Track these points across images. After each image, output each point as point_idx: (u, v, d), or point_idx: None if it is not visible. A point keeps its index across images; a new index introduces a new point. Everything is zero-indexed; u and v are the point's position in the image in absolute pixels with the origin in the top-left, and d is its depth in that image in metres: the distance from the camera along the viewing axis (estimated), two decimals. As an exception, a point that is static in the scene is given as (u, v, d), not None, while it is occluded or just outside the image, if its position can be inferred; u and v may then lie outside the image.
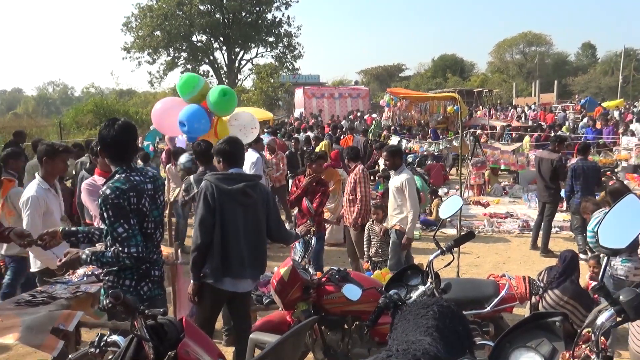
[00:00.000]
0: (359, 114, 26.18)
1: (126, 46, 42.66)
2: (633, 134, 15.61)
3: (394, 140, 14.84)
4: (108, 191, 2.76)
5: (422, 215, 10.10)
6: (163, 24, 40.43)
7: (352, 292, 3.29)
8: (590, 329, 1.76)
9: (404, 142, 14.72)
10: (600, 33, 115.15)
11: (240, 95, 36.23)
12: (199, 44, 44.40)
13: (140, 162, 8.58)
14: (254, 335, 3.29)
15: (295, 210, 6.41)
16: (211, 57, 44.92)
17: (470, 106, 28.60)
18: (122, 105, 30.12)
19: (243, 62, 46.24)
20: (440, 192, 11.52)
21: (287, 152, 10.76)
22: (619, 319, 1.66)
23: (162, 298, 3.12)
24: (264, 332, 3.50)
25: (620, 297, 1.65)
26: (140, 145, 11.43)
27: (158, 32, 41.33)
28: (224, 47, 44.56)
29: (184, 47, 43.79)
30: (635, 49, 52.95)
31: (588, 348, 1.74)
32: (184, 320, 2.25)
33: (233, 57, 44.83)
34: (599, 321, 1.70)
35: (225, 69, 44.93)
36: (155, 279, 3.03)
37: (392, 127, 17.89)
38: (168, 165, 9.24)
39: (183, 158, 7.61)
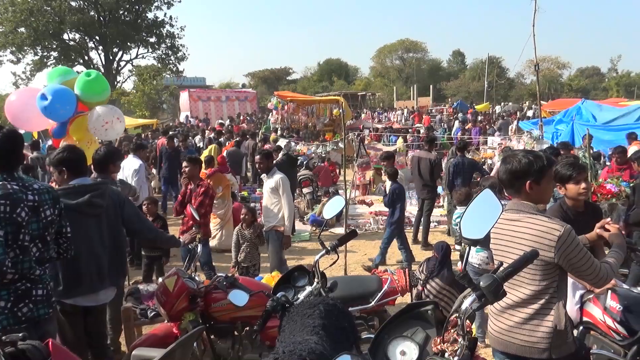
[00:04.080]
0: (248, 117, 26.06)
1: (-16, 43, 38.25)
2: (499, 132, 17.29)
3: (282, 142, 14.98)
4: None
5: (312, 215, 10.32)
6: (28, 19, 36.80)
7: (238, 297, 3.26)
8: (457, 314, 1.91)
9: (292, 144, 14.92)
10: (468, 42, 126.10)
11: (120, 98, 34.25)
12: (72, 43, 41.14)
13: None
14: (137, 352, 3.12)
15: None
16: (86, 57, 41.82)
17: (355, 109, 29.79)
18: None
19: (122, 63, 43.74)
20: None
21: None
22: (480, 302, 1.82)
23: (51, 317, 2.95)
24: (148, 347, 3.34)
25: (481, 283, 1.82)
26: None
27: (23, 29, 37.57)
28: (100, 47, 41.72)
29: (54, 46, 40.29)
30: (498, 56, 58.82)
31: (456, 332, 1.90)
32: (50, 343, 2.07)
33: (111, 57, 42.16)
34: (463, 306, 1.85)
35: (102, 70, 42.06)
36: (38, 299, 2.83)
37: (280, 129, 17.99)
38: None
39: None
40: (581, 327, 3.58)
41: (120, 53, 42.99)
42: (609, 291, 3.41)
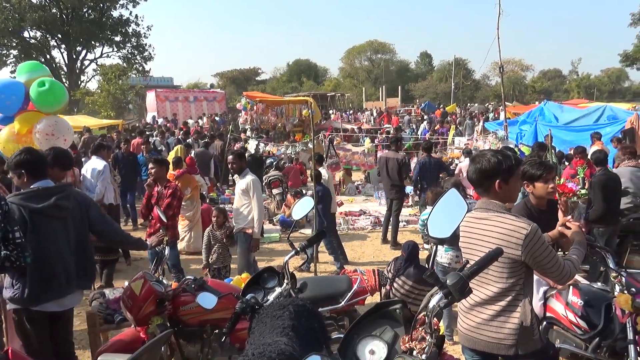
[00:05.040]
0: (216, 117, 25.78)
1: (-63, 40, 36.63)
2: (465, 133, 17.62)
3: (251, 143, 14.90)
4: None
5: (281, 216, 10.29)
6: (-15, 16, 35.46)
7: (206, 300, 3.22)
8: (424, 312, 1.93)
9: (261, 145, 14.85)
10: (435, 43, 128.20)
11: (85, 97, 33.36)
12: (33, 41, 39.83)
13: None
14: (102, 357, 3.06)
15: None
16: (48, 56, 40.52)
17: (324, 109, 29.86)
18: None
19: (86, 62, 42.59)
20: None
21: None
22: (446, 300, 1.85)
23: None
24: (114, 352, 3.26)
25: (447, 281, 1.85)
26: None
27: (-21, 26, 36.17)
28: (63, 46, 40.51)
29: (14, 44, 38.92)
30: (464, 58, 59.94)
31: (423, 330, 1.92)
32: (10, 352, 2.00)
33: (74, 56, 40.99)
34: (430, 304, 1.88)
35: (65, 69, 40.89)
36: None
37: (249, 130, 17.88)
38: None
39: None
40: (544, 323, 3.68)
41: (84, 52, 41.88)
42: (571, 287, 3.52)
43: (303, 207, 3.43)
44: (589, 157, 8.64)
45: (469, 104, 41.85)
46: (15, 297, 3.22)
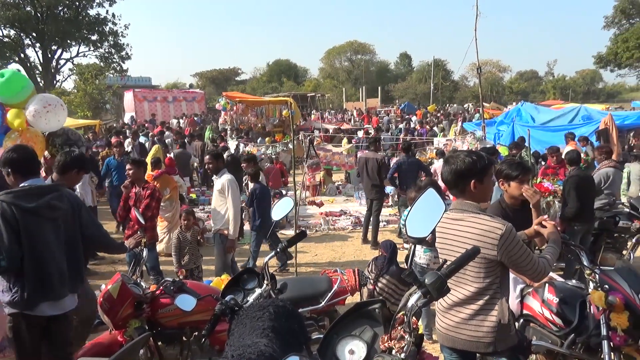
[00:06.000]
0: (195, 118, 25.55)
1: None
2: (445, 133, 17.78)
3: (231, 143, 14.80)
4: None
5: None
6: (-44, 13, 34.56)
7: (185, 302, 3.19)
8: (403, 312, 1.95)
9: (241, 145, 14.78)
10: (415, 45, 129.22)
11: (60, 97, 32.69)
12: (6, 40, 38.90)
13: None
14: (79, 362, 3.00)
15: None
16: (22, 55, 39.65)
17: (304, 110, 29.84)
18: None
19: (62, 62, 41.76)
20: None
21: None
22: (425, 299, 1.87)
23: None
24: (92, 357, 3.21)
25: (426, 280, 1.87)
26: None
27: (-50, 24, 35.28)
28: (38, 44, 39.65)
29: (-14, 43, 38.02)
30: (443, 59, 60.57)
31: (402, 329, 1.93)
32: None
33: (49, 55, 40.17)
34: (409, 303, 1.89)
35: (40, 68, 40.05)
36: None
37: (229, 131, 17.76)
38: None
39: None
40: (522, 320, 3.74)
41: (60, 51, 41.05)
42: (547, 284, 3.58)
43: (283, 207, 3.42)
44: (562, 156, 8.83)
45: (447, 105, 42.29)
46: (14, 300, 3.10)
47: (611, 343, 3.17)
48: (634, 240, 6.75)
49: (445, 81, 54.78)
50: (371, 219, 8.81)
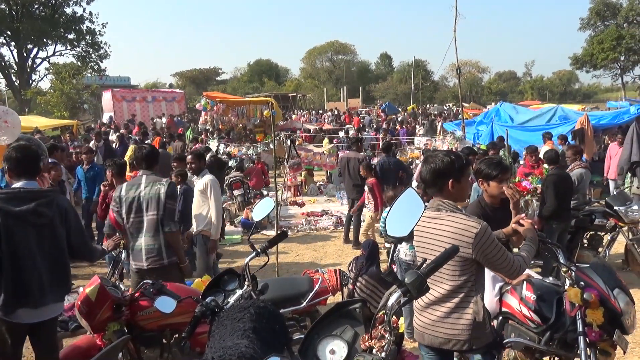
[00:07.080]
0: (175, 118, 25.30)
1: None
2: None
3: (212, 144, 14.70)
4: None
5: (242, 217, 10.20)
6: None
7: (165, 304, 3.15)
8: (384, 311, 1.96)
9: (222, 146, 14.69)
10: (395, 45, 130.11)
11: (37, 97, 32.09)
12: (-20, 38, 38.06)
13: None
14: (57, 366, 2.95)
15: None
16: (-4, 54, 38.84)
17: (285, 110, 29.79)
18: None
19: (38, 61, 40.97)
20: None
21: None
22: (405, 298, 1.88)
23: None
24: (70, 361, 3.16)
25: (406, 279, 1.88)
26: None
27: None
28: (13, 43, 38.79)
29: (-40, 41, 37.11)
30: (424, 60, 61.07)
31: (383, 328, 1.95)
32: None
33: (25, 54, 39.35)
34: (389, 302, 1.91)
35: (15, 67, 39.20)
36: None
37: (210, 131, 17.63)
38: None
39: None
40: (500, 317, 3.78)
41: (36, 50, 40.27)
42: (525, 282, 3.63)
43: (264, 208, 3.40)
44: (540, 156, 8.97)
45: (428, 105, 42.66)
46: None
47: (587, 339, 3.23)
48: (609, 237, 6.90)
49: (425, 81, 55.28)
50: (352, 218, 8.84)
